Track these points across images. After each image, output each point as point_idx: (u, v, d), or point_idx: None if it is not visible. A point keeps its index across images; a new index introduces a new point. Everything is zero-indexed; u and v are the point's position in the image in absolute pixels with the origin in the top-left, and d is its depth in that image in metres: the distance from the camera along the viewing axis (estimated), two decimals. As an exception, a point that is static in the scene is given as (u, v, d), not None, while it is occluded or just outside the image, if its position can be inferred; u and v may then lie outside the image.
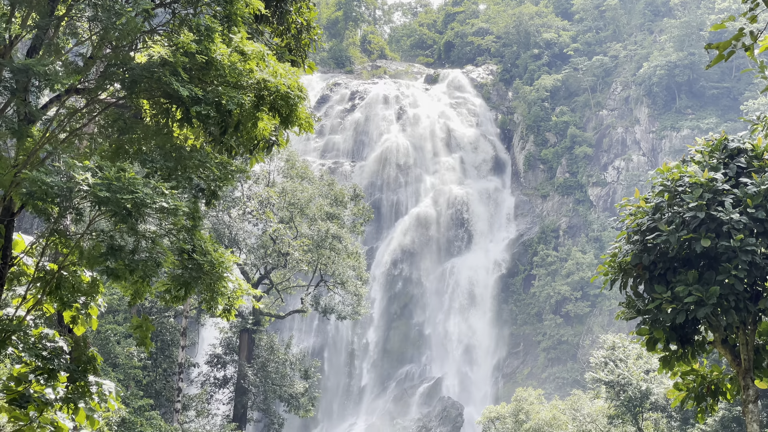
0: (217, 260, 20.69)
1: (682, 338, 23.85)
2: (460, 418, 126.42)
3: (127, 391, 67.21)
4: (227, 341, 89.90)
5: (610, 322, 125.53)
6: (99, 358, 21.71)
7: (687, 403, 25.30)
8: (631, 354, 66.64)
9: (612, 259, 24.88)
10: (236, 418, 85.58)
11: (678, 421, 62.37)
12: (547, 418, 71.88)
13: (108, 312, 74.08)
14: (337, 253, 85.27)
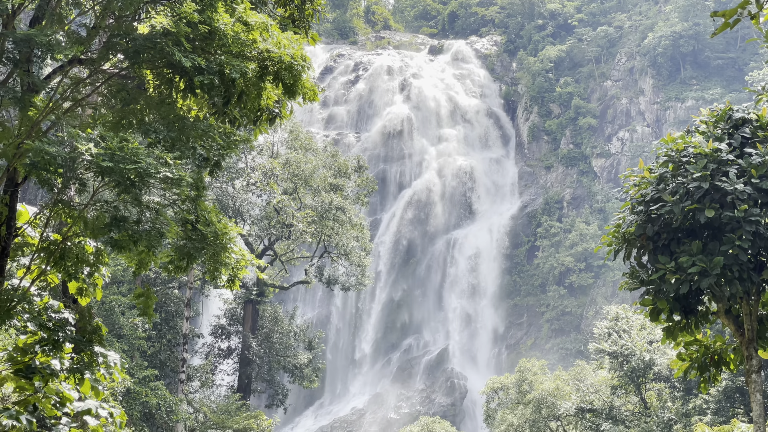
0: (221, 231, 20.70)
1: (685, 309, 23.84)
2: (463, 388, 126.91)
3: (132, 362, 67.43)
4: (231, 312, 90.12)
5: (613, 293, 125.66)
6: (104, 329, 21.77)
7: (690, 374, 25.32)
8: (634, 325, 66.74)
9: (616, 229, 24.85)
10: (241, 388, 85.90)
11: (681, 392, 62.52)
12: (551, 389, 72.06)
13: (112, 283, 74.23)
14: (341, 224, 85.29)
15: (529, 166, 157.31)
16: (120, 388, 58.14)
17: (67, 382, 22.33)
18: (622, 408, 66.32)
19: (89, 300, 22.08)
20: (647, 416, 64.06)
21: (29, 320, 19.78)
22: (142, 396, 64.46)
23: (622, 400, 67.10)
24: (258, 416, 74.41)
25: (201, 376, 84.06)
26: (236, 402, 76.82)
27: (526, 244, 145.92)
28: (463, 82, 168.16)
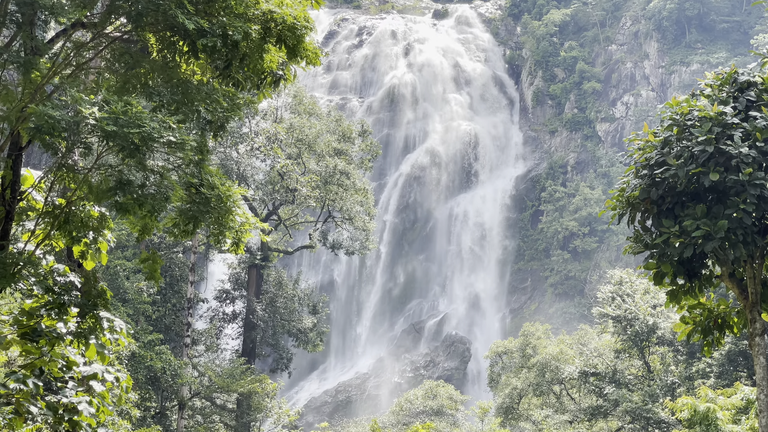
0: (225, 194, 20.69)
1: (689, 272, 23.84)
2: (467, 352, 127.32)
3: (137, 326, 67.70)
4: (236, 277, 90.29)
5: (617, 257, 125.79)
6: (109, 293, 21.82)
7: (693, 337, 25.36)
8: (638, 289, 66.85)
9: (620, 193, 24.81)
10: (245, 352, 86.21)
11: (684, 355, 62.70)
12: (554, 353, 72.32)
13: (117, 248, 74.40)
14: (345, 189, 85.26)
15: (533, 130, 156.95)
16: (125, 352, 58.38)
17: (72, 346, 22.42)
18: (626, 372, 66.56)
19: (94, 264, 22.12)
20: (650, 380, 64.30)
21: (35, 284, 19.84)
22: (147, 360, 64.73)
23: (625, 364, 67.32)
24: (263, 380, 74.74)
25: (206, 340, 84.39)
26: (241, 366, 77.11)
27: (530, 208, 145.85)
28: (467, 46, 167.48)
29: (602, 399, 65.83)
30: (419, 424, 50.09)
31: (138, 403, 61.97)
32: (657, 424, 59.97)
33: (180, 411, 71.92)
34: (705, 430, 33.28)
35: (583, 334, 76.37)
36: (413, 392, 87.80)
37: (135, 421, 56.51)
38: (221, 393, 77.10)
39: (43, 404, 21.21)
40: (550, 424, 68.58)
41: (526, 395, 75.91)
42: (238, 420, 76.20)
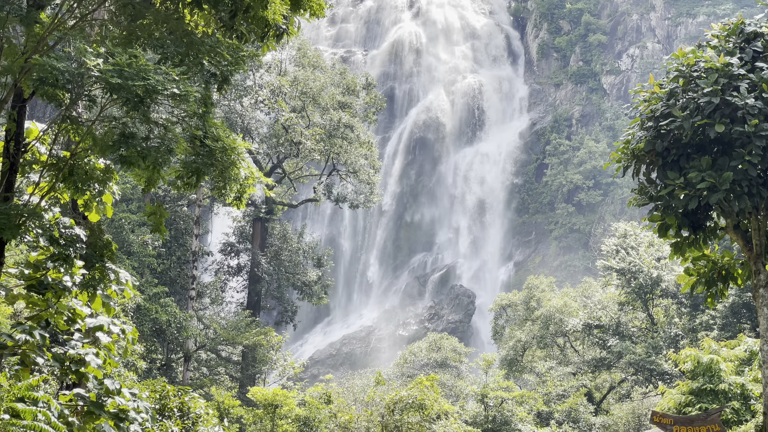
0: (229, 147, 20.65)
1: (693, 224, 23.85)
2: (471, 305, 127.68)
3: (142, 279, 67.90)
4: (240, 230, 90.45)
5: (622, 210, 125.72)
6: (114, 245, 21.85)
7: (697, 289, 25.39)
8: (642, 242, 66.91)
9: (625, 145, 24.77)
10: (250, 305, 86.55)
11: (688, 308, 62.86)
12: (558, 305, 72.50)
13: (122, 201, 74.43)
14: (350, 142, 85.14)
15: (538, 83, 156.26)
16: (131, 304, 58.62)
17: (78, 298, 22.50)
18: (629, 324, 66.78)
19: (99, 217, 22.14)
20: (654, 332, 64.52)
21: (40, 236, 19.86)
22: (152, 313, 65.00)
23: (629, 317, 67.53)
24: (268, 333, 75.09)
25: (211, 293, 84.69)
26: (246, 319, 77.44)
27: (535, 162, 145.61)
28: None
29: (606, 351, 66.12)
30: (423, 376, 50.32)
31: (144, 355, 62.35)
32: (660, 376, 60.28)
33: (185, 363, 72.32)
34: (708, 382, 33.44)
35: (587, 287, 76.55)
36: (417, 345, 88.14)
37: (141, 372, 56.87)
38: (226, 345, 77.54)
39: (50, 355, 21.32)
40: (554, 376, 68.93)
41: (530, 348, 76.23)
42: (243, 372, 76.67)
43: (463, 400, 65.29)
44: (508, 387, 61.23)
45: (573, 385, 66.33)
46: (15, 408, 19.22)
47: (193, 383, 71.11)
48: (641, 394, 65.97)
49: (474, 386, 66.25)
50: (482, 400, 58.52)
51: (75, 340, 22.29)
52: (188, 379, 71.48)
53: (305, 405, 50.46)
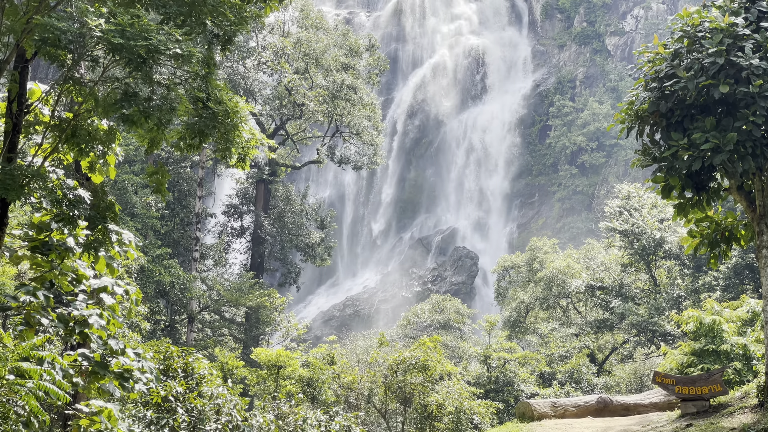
0: (232, 109, 20.63)
1: (697, 185, 23.82)
2: (474, 267, 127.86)
3: (145, 240, 68.02)
4: (243, 192, 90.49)
5: (625, 172, 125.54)
6: (117, 207, 21.87)
7: (700, 250, 25.42)
8: (645, 203, 66.86)
9: (629, 106, 24.70)
10: (254, 267, 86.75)
11: (691, 269, 62.92)
12: (561, 267, 72.58)
13: (125, 162, 74.49)
14: (353, 103, 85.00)
15: (541, 44, 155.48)
16: (134, 266, 58.75)
17: (82, 259, 22.55)
18: (632, 285, 66.88)
19: (102, 178, 22.15)
20: (657, 293, 64.63)
21: (43, 197, 19.88)
22: (156, 274, 65.17)
23: (632, 278, 67.61)
24: (271, 294, 75.31)
25: (214, 254, 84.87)
26: (249, 280, 77.65)
27: (538, 123, 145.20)
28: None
29: (608, 312, 66.26)
30: (426, 338, 50.47)
31: (148, 316, 62.59)
32: (662, 337, 60.45)
33: (189, 324, 72.66)
34: (710, 342, 33.51)
35: (590, 249, 76.59)
36: (420, 306, 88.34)
37: (145, 334, 57.13)
38: (230, 307, 77.80)
39: (54, 316, 21.40)
40: (557, 337, 69.14)
41: (532, 309, 76.40)
42: (247, 333, 76.98)
43: (465, 361, 65.51)
44: (511, 348, 61.42)
45: (575, 346, 66.54)
46: (20, 368, 19.32)
47: (196, 344, 71.45)
48: (643, 355, 66.19)
49: (477, 347, 66.48)
50: (485, 361, 58.73)
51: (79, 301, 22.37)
52: (192, 340, 71.84)
53: (309, 366, 50.67)
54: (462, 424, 46.08)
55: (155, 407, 32.35)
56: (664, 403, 30.78)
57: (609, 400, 31.70)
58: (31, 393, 19.60)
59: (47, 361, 19.94)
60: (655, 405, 31.25)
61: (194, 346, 65.83)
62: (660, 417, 27.22)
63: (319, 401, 48.32)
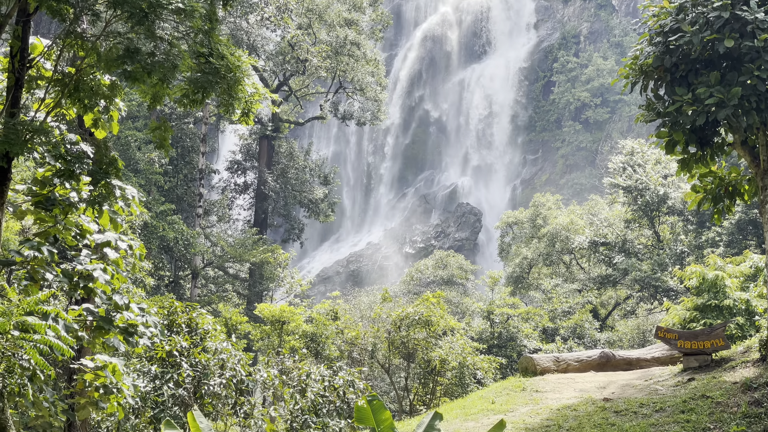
0: (235, 64, 20.55)
1: (701, 140, 23.74)
2: (478, 223, 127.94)
3: (149, 196, 68.06)
4: (247, 148, 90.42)
5: (629, 127, 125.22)
6: (120, 163, 21.86)
7: (704, 205, 25.39)
8: (649, 159, 66.75)
9: (633, 61, 24.58)
10: (257, 223, 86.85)
11: (694, 225, 62.92)
12: (565, 223, 72.62)
13: (128, 118, 74.37)
14: (356, 59, 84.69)
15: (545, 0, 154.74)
16: (138, 221, 58.83)
17: (86, 214, 22.57)
18: (635, 241, 66.94)
19: (105, 134, 22.13)
20: (660, 249, 64.69)
21: (46, 152, 19.87)
22: (159, 230, 65.25)
23: (635, 234, 67.65)
24: (274, 250, 75.42)
25: (218, 210, 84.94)
26: (253, 236, 77.78)
27: (542, 79, 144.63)
28: None
29: (611, 268, 66.37)
30: (429, 293, 50.61)
31: (152, 272, 62.77)
32: (665, 293, 60.57)
33: (193, 280, 72.88)
34: (713, 298, 33.58)
35: (593, 205, 76.59)
36: (424, 262, 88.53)
37: (149, 289, 57.29)
38: (234, 263, 77.96)
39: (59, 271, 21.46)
40: (560, 293, 69.29)
41: (536, 265, 76.56)
42: (251, 289, 77.22)
43: (469, 316, 65.73)
44: (514, 304, 61.62)
45: (578, 302, 66.72)
46: (25, 322, 19.41)
47: (200, 300, 71.70)
48: (646, 311, 66.38)
49: (480, 303, 66.65)
50: (488, 317, 58.93)
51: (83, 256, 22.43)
52: (196, 295, 72.08)
53: (312, 321, 50.86)
54: (465, 379, 46.32)
55: (160, 362, 32.54)
56: (667, 357, 30.91)
57: (611, 355, 31.82)
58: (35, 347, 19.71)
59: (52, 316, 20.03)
60: (658, 359, 31.38)
61: (198, 302, 66.08)
62: (662, 371, 27.35)
63: (322, 356, 48.55)
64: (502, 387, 28.83)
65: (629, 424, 20.44)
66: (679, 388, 23.58)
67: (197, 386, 32.57)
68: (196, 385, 32.58)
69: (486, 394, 28.73)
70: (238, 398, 33.44)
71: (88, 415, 23.90)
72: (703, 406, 20.89)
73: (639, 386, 25.19)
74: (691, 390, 22.65)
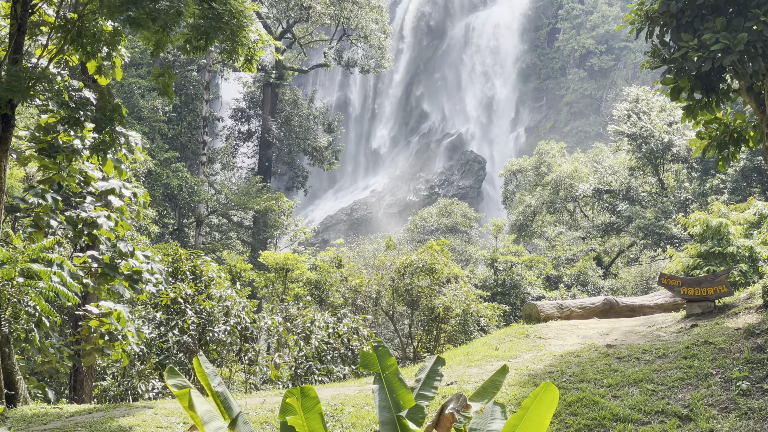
0: (238, 9, 20.45)
1: (706, 86, 23.60)
2: (482, 171, 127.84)
3: (153, 144, 67.99)
4: (251, 95, 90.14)
5: (634, 75, 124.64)
6: (124, 110, 21.82)
7: (708, 152, 25.30)
8: (654, 106, 66.49)
9: (639, 7, 24.38)
10: (261, 170, 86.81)
11: (698, 172, 62.83)
12: (569, 171, 72.50)
13: (131, 65, 74.07)
14: (360, 6, 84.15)
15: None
16: (142, 169, 58.83)
17: (90, 161, 22.58)
18: (639, 189, 66.87)
19: (109, 81, 22.06)
20: (664, 196, 64.64)
21: (50, 99, 19.82)
22: (163, 177, 65.26)
23: (639, 181, 67.56)
24: (279, 198, 75.48)
25: (222, 158, 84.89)
26: (257, 184, 77.77)
27: (547, 26, 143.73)
28: None
29: (615, 216, 66.37)
30: (433, 241, 50.69)
31: (156, 219, 62.85)
32: (669, 240, 60.62)
33: (197, 227, 72.99)
34: (716, 245, 33.61)
35: (597, 152, 76.42)
36: (428, 210, 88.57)
37: (153, 237, 57.43)
38: (238, 210, 78.06)
39: (63, 218, 21.51)
40: (563, 241, 69.35)
41: (539, 213, 76.57)
42: (255, 237, 77.36)
43: (472, 264, 65.89)
44: (518, 251, 61.69)
45: (582, 250, 66.80)
46: (30, 269, 19.49)
47: (205, 247, 71.89)
48: (649, 258, 66.48)
49: (484, 251, 66.78)
50: (492, 265, 59.04)
51: (87, 203, 22.47)
52: (200, 243, 72.24)
53: (316, 269, 51.01)
54: (468, 326, 46.50)
55: (165, 309, 32.69)
56: (670, 304, 30.96)
57: (614, 302, 31.88)
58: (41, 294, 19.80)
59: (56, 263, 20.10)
60: (661, 306, 31.44)
61: (202, 250, 66.25)
62: (665, 318, 27.41)
63: (326, 304, 48.75)
64: (505, 334, 28.91)
65: (632, 370, 20.53)
66: (682, 334, 23.64)
67: (202, 333, 32.74)
68: (201, 332, 32.75)
69: (489, 340, 28.83)
70: (243, 345, 33.63)
71: (93, 361, 24.08)
72: (706, 352, 20.95)
73: (642, 333, 25.25)
74: (693, 336, 22.71)
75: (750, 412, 17.75)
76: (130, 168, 43.08)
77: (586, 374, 20.68)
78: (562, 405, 18.78)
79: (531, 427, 8.14)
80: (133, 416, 17.79)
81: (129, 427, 16.71)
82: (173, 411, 18.29)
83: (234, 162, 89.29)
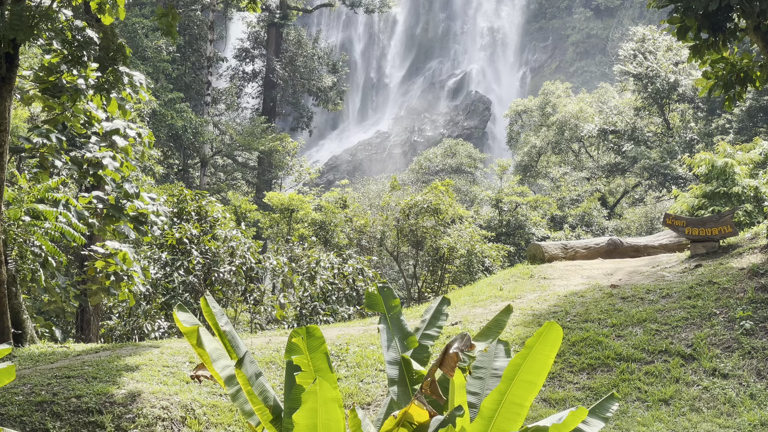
0: (242, -53, 20.27)
1: (713, 26, 23.42)
2: (487, 111, 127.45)
3: (157, 84, 67.77)
4: (255, 35, 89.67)
5: (641, 14, 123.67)
6: (128, 50, 21.70)
7: (715, 92, 25.16)
8: (660, 46, 66.07)
9: (646, -56, 24.19)
10: (266, 111, 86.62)
11: (704, 112, 62.61)
12: (574, 111, 72.20)
13: (134, 5, 73.66)
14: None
15: None
16: (146, 109, 58.71)
17: (94, 101, 22.51)
18: (645, 129, 66.67)
19: (112, 20, 21.91)
20: (669, 137, 64.47)
21: (53, 38, 19.72)
22: (168, 118, 65.15)
23: (645, 122, 67.35)
24: (283, 138, 75.38)
25: (226, 99, 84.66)
26: (262, 124, 77.64)
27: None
28: None
29: (620, 156, 66.25)
30: (438, 181, 50.70)
31: (161, 160, 62.89)
32: (674, 180, 60.55)
33: (202, 168, 73.04)
34: (722, 185, 33.57)
35: (603, 93, 76.07)
36: (433, 150, 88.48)
37: (158, 177, 57.50)
38: (242, 151, 78.05)
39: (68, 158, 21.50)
40: (568, 181, 69.32)
41: (544, 153, 76.39)
42: (260, 177, 77.40)
43: (477, 205, 65.92)
44: (523, 192, 61.66)
45: (587, 190, 66.78)
46: (36, 209, 19.54)
47: (210, 188, 71.97)
48: (654, 198, 66.45)
49: (488, 191, 66.76)
50: (497, 205, 59.04)
51: (92, 144, 22.44)
52: (205, 184, 72.33)
53: (321, 209, 51.07)
54: (473, 267, 46.65)
55: (170, 249, 32.81)
56: (674, 244, 31.00)
57: (619, 242, 31.93)
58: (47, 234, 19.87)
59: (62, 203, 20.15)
60: (665, 246, 31.48)
61: (207, 190, 66.32)
62: (669, 258, 27.47)
63: (331, 244, 48.87)
64: (510, 274, 29.00)
65: (636, 309, 20.62)
66: (686, 274, 23.71)
67: (207, 273, 32.88)
68: (206, 272, 32.89)
69: (494, 281, 28.94)
70: (248, 285, 33.78)
71: (99, 301, 24.22)
72: (710, 291, 21.03)
73: (646, 273, 25.33)
74: (697, 276, 22.78)
75: (753, 351, 17.87)
76: (135, 108, 43.01)
77: (590, 314, 20.77)
78: (566, 345, 18.90)
79: (535, 366, 8.20)
80: (139, 355, 17.93)
81: (136, 366, 16.86)
82: (179, 350, 18.44)
83: (238, 102, 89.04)
